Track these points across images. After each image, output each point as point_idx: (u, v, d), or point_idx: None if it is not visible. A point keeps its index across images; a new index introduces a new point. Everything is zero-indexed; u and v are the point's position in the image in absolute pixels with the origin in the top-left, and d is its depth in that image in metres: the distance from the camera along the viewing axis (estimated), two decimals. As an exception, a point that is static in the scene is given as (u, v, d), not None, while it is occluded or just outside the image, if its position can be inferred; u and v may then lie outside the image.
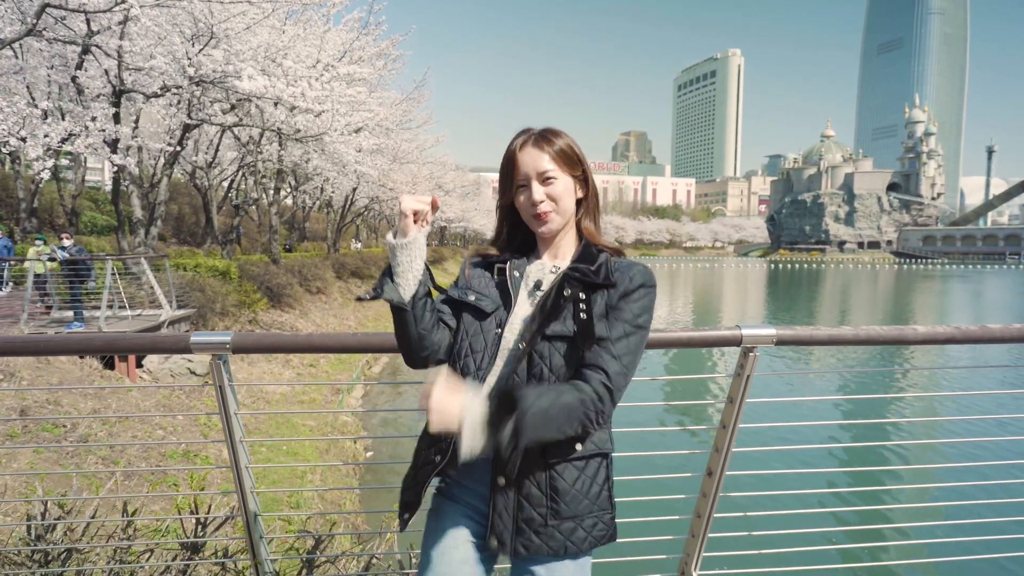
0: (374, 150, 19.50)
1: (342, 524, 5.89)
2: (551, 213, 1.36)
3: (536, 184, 1.34)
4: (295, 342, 1.69)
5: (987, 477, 6.79)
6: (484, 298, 1.38)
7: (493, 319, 1.36)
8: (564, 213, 1.37)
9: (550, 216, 1.36)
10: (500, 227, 1.48)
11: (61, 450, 5.56)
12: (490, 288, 1.40)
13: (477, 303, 1.38)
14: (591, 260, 1.35)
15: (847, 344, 1.83)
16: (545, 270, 1.41)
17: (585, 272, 1.32)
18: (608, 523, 1.36)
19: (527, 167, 1.35)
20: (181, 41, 10.26)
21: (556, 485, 1.29)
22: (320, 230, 36.38)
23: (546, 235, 1.39)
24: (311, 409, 10.11)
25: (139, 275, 10.04)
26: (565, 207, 1.37)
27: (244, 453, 1.87)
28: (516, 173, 1.36)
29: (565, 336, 1.27)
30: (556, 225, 1.37)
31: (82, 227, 21.82)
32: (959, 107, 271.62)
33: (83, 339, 1.67)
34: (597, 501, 1.33)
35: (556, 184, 1.35)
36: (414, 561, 2.41)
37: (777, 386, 12.44)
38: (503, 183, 1.41)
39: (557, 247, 1.43)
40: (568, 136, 1.37)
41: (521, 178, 1.36)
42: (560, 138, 1.36)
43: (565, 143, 1.36)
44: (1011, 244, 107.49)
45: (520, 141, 1.36)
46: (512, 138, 1.39)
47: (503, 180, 1.41)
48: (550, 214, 1.35)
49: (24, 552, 2.17)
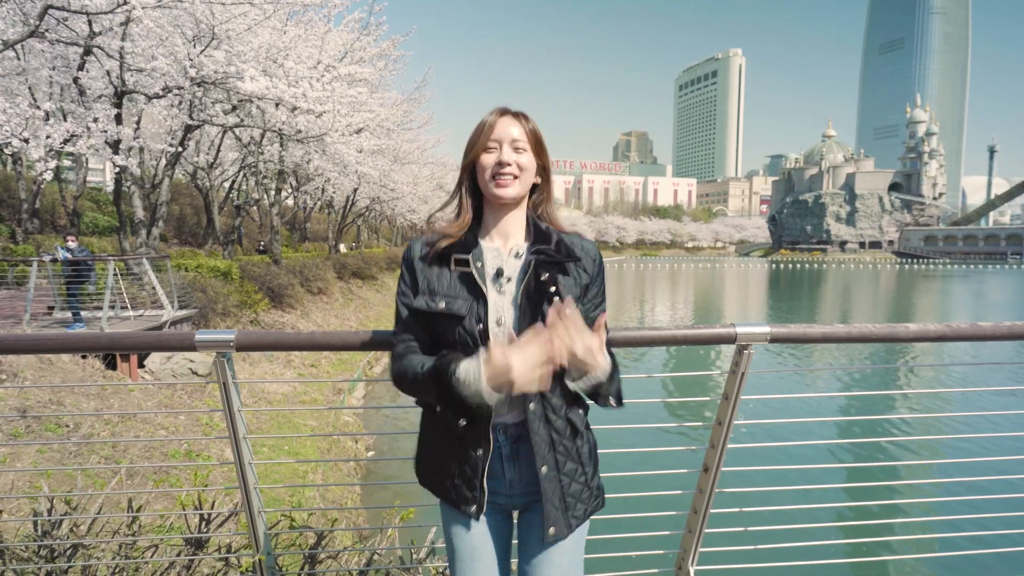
0: (375, 151, 19.55)
1: (344, 521, 5.93)
2: (514, 179, 1.37)
3: (507, 148, 1.37)
4: (298, 340, 1.72)
5: (981, 473, 6.81)
6: (453, 300, 1.35)
7: (471, 318, 1.33)
8: (524, 185, 1.40)
9: (512, 181, 1.37)
10: (462, 202, 1.44)
11: (64, 449, 5.59)
12: (454, 285, 1.37)
13: (449, 310, 1.34)
14: (547, 239, 1.40)
15: (840, 342, 1.86)
16: (502, 256, 1.41)
17: (549, 253, 1.37)
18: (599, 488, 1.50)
19: (501, 132, 1.37)
20: (183, 42, 10.29)
21: (581, 452, 1.43)
22: (321, 231, 36.43)
23: (503, 198, 1.37)
24: (313, 407, 10.14)
25: (141, 276, 10.08)
26: (527, 179, 1.40)
27: (247, 450, 1.90)
28: (489, 135, 1.38)
29: None
30: (514, 192, 1.38)
31: (84, 228, 21.87)
32: (961, 106, 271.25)
33: (90, 337, 1.70)
34: (597, 460, 1.49)
35: (524, 155, 1.38)
36: (415, 556, 2.44)
37: (772, 383, 12.47)
38: (471, 145, 1.40)
39: (508, 226, 1.43)
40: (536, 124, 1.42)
41: (492, 141, 1.38)
42: (532, 121, 1.41)
43: (536, 127, 1.41)
44: (1013, 244, 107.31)
45: (498, 111, 1.40)
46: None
47: (471, 142, 1.40)
48: (513, 180, 1.37)
49: (31, 548, 2.20)
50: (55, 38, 9.60)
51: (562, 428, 1.39)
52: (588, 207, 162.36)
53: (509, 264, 1.40)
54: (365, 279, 24.35)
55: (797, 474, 5.87)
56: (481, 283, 1.35)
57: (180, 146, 12.33)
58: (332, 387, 11.46)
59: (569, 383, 1.31)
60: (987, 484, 5.16)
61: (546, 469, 1.37)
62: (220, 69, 10.34)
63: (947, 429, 9.93)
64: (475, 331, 1.33)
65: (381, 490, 6.39)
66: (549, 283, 1.34)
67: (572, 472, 1.40)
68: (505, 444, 1.40)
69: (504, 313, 1.36)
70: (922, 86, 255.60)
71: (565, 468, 1.39)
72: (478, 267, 1.37)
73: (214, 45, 10.53)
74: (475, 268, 1.37)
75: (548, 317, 1.20)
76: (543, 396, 1.35)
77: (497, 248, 1.42)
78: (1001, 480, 2.32)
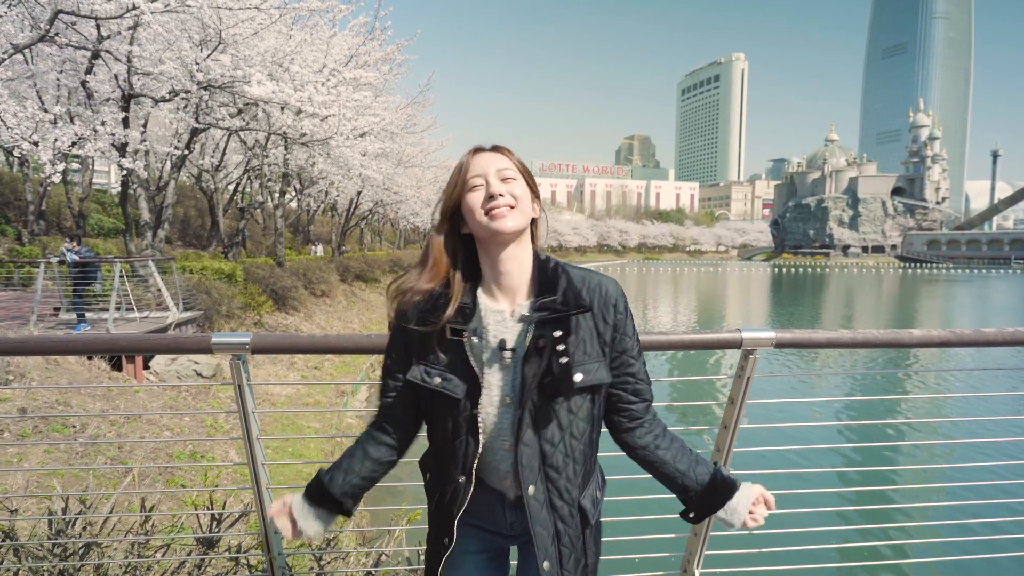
0: (379, 154, 19.61)
1: (350, 523, 5.95)
2: (511, 209, 1.15)
3: (495, 179, 1.16)
4: (312, 343, 1.76)
5: (987, 478, 6.81)
6: (449, 378, 1.17)
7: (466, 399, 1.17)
8: (524, 215, 1.17)
9: (509, 212, 1.14)
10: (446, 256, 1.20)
11: (71, 449, 5.63)
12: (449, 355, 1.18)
13: (444, 388, 1.17)
14: (553, 288, 1.17)
15: (844, 347, 1.88)
16: (506, 320, 1.19)
17: (556, 308, 1.15)
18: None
19: (483, 165, 1.17)
20: (190, 46, 10.38)
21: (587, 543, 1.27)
22: (325, 233, 36.53)
23: (503, 231, 1.14)
24: (317, 410, 10.18)
25: (146, 277, 10.15)
26: (525, 209, 1.17)
27: (260, 451, 1.93)
28: (467, 173, 1.17)
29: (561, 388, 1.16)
30: (513, 223, 1.14)
31: (89, 230, 22.00)
32: (964, 111, 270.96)
33: (110, 339, 1.74)
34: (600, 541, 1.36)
35: (515, 184, 1.17)
36: (422, 558, 2.46)
37: (778, 388, 12.46)
38: (449, 189, 1.19)
39: (511, 277, 1.19)
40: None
41: (475, 175, 1.16)
42: (514, 153, 1.22)
43: (519, 158, 1.22)
44: (1016, 248, 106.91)
45: (472, 149, 1.21)
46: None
47: (449, 187, 1.19)
48: (509, 210, 1.14)
49: (46, 546, 2.24)
50: (64, 42, 9.68)
51: (568, 516, 1.21)
52: (590, 211, 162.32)
53: (512, 331, 1.18)
54: (368, 281, 24.40)
55: (802, 477, 5.88)
56: (476, 365, 1.16)
57: (186, 149, 12.41)
58: (336, 389, 11.50)
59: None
60: (1003, 490, 5.16)
61: (548, 565, 1.19)
62: (227, 73, 10.42)
63: (952, 433, 9.92)
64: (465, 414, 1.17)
65: (387, 492, 6.40)
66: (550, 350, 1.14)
67: (575, 567, 1.23)
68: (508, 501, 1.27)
69: (508, 392, 1.17)
70: (925, 90, 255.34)
71: (568, 563, 1.21)
72: (474, 343, 1.17)
73: (221, 49, 10.61)
74: (468, 345, 1.16)
75: None
76: (547, 476, 1.18)
77: (502, 311, 1.20)
78: (1011, 484, 2.34)
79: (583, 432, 1.20)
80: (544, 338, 1.14)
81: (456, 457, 1.20)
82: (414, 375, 1.19)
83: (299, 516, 1.32)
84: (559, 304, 1.15)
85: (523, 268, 1.20)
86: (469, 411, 1.17)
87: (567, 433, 1.18)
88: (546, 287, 1.18)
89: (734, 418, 1.93)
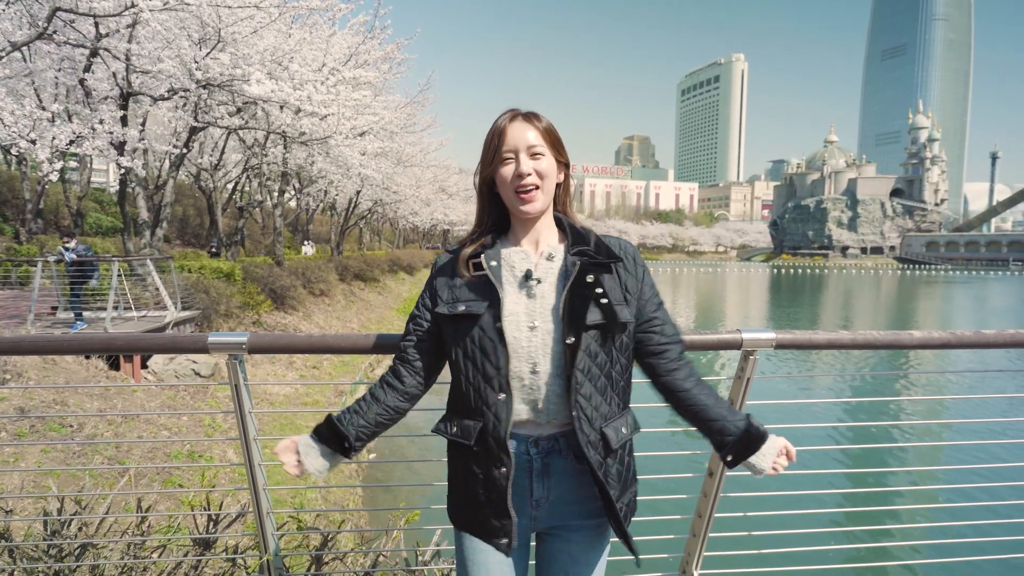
0: (378, 153, 19.58)
1: (348, 523, 5.94)
2: (537, 190, 1.31)
3: (524, 157, 1.31)
4: (309, 343, 1.74)
5: (988, 479, 6.81)
6: (472, 302, 1.32)
7: (489, 314, 1.29)
8: (548, 192, 1.34)
9: (535, 193, 1.31)
10: (482, 209, 1.41)
11: (68, 449, 5.61)
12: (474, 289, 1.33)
13: (468, 309, 1.31)
14: (585, 241, 1.34)
15: (844, 348, 1.87)
16: (530, 258, 1.36)
17: (591, 254, 1.31)
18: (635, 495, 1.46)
19: (516, 140, 1.31)
20: (189, 45, 10.34)
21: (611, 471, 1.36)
22: (324, 232, 36.50)
23: (529, 214, 1.33)
24: (316, 410, 10.16)
25: (144, 276, 10.12)
26: (549, 186, 1.34)
27: (257, 451, 1.92)
28: (503, 145, 1.31)
29: (598, 325, 1.27)
30: (540, 204, 1.33)
31: (87, 228, 21.95)
32: (963, 113, 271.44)
33: (106, 338, 1.73)
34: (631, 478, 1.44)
35: (543, 160, 1.32)
36: (420, 559, 2.45)
37: (777, 389, 12.46)
38: (486, 157, 1.34)
39: (538, 232, 1.38)
40: (549, 120, 1.37)
41: (508, 150, 1.31)
42: (545, 119, 1.35)
43: (550, 123, 1.35)
44: (1015, 250, 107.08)
45: (508, 116, 1.34)
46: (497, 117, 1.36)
47: (487, 154, 1.34)
48: (536, 191, 1.31)
49: (40, 547, 2.22)
50: (62, 40, 9.65)
51: (594, 442, 1.31)
52: (590, 211, 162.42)
53: (541, 266, 1.35)
54: (367, 281, 24.37)
55: (801, 479, 5.87)
56: (496, 282, 1.31)
57: (184, 148, 12.38)
58: (334, 389, 11.48)
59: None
60: (1004, 491, 5.15)
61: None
62: (226, 72, 10.38)
63: (952, 435, 9.92)
64: (492, 327, 1.28)
65: (384, 492, 6.40)
66: (595, 285, 1.28)
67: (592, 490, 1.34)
68: (536, 458, 1.34)
69: (538, 318, 1.30)
70: (924, 92, 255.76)
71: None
72: (492, 266, 1.33)
73: (220, 48, 10.58)
74: (488, 268, 1.32)
75: None
76: (580, 404, 1.28)
77: (526, 251, 1.37)
78: (1010, 487, 2.33)
79: (606, 366, 1.32)
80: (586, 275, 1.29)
81: (490, 377, 1.29)
82: (440, 309, 1.34)
83: (304, 452, 1.44)
84: (593, 251, 1.32)
85: (548, 224, 1.40)
86: (495, 324, 1.28)
87: (594, 364, 1.29)
88: (578, 239, 1.35)
89: (734, 419, 1.92)
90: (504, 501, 1.31)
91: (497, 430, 1.29)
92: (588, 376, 1.28)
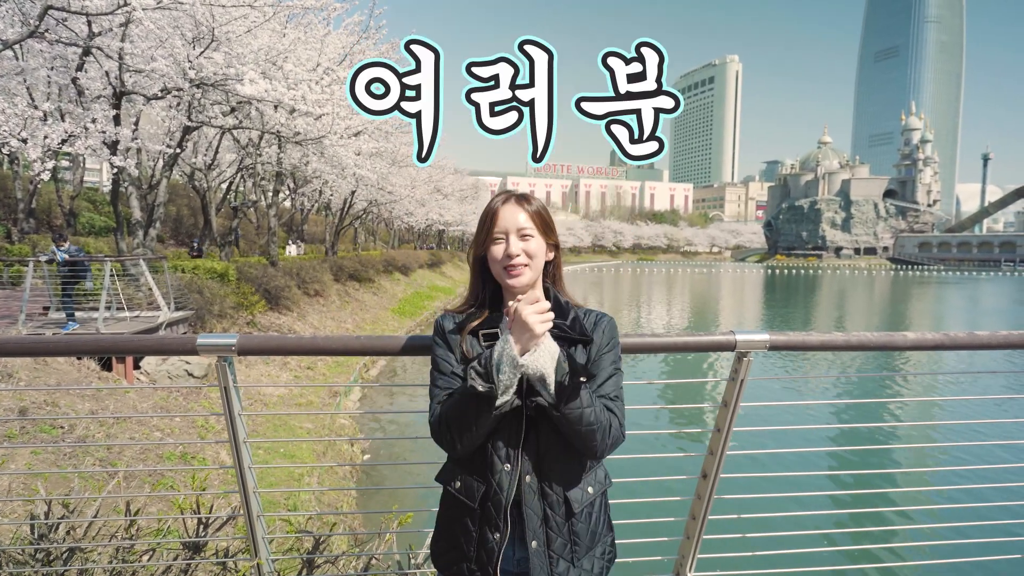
0: (373, 153, 19.54)
1: (340, 525, 5.91)
2: (525, 267, 1.41)
3: (514, 238, 1.41)
4: (299, 344, 1.73)
5: (980, 480, 6.85)
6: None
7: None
8: (536, 269, 1.44)
9: (523, 270, 1.41)
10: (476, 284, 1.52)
11: (59, 451, 5.56)
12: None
13: None
14: (564, 315, 1.44)
15: (838, 349, 1.87)
16: None
17: (564, 329, 1.41)
18: (612, 544, 1.53)
19: (507, 221, 1.42)
20: (182, 44, 10.28)
21: (576, 530, 1.42)
22: (319, 232, 36.37)
23: (516, 288, 1.42)
24: (309, 411, 10.11)
25: (137, 276, 10.04)
26: (538, 264, 1.44)
27: (247, 454, 1.90)
28: (494, 227, 1.43)
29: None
30: (527, 280, 1.42)
31: (80, 228, 21.80)
32: (955, 114, 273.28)
33: (92, 340, 1.70)
34: (603, 530, 1.49)
35: (532, 241, 1.42)
36: (412, 562, 2.44)
37: (771, 390, 12.49)
38: (479, 236, 1.46)
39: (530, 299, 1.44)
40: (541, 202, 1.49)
41: (499, 231, 1.42)
42: (535, 201, 1.47)
43: (541, 206, 1.47)
44: (1006, 251, 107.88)
45: (502, 198, 1.46)
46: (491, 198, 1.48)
47: (480, 233, 1.46)
48: (524, 268, 1.41)
49: (27, 551, 2.19)
50: (54, 38, 9.58)
51: (556, 504, 1.40)
52: (585, 212, 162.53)
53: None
54: (362, 281, 24.30)
55: (795, 480, 5.89)
56: None
57: (178, 147, 12.31)
58: (328, 390, 11.43)
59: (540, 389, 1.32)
60: (996, 492, 5.18)
61: (535, 544, 1.38)
62: (219, 71, 10.33)
63: (945, 435, 9.97)
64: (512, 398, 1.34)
65: (378, 494, 6.37)
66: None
67: (562, 550, 1.40)
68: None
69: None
70: (917, 94, 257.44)
71: (554, 546, 1.39)
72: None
73: (213, 47, 10.53)
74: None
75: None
76: (540, 470, 1.39)
77: None
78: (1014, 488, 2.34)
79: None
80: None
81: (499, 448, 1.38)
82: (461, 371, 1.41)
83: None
84: (567, 327, 1.42)
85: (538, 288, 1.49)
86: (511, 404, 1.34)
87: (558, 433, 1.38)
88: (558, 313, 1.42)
89: (728, 421, 1.92)
90: (493, 564, 1.38)
91: (498, 497, 1.38)
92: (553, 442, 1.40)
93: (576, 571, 1.42)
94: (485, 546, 1.39)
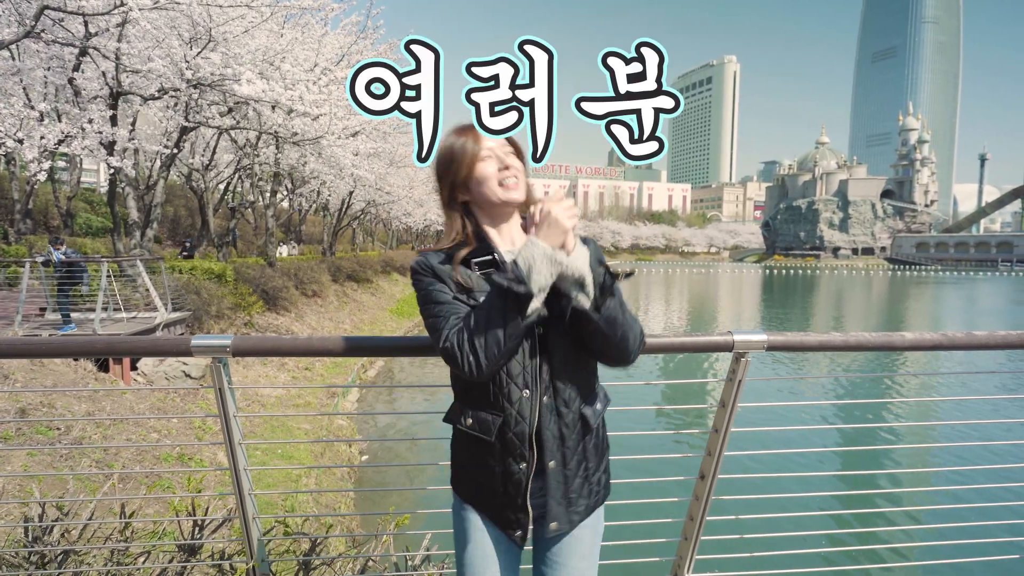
0: (371, 154, 19.51)
1: (338, 527, 5.89)
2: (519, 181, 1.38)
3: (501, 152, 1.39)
4: (295, 345, 1.71)
5: (978, 480, 6.85)
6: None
7: None
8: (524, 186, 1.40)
9: (518, 184, 1.38)
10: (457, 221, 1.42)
11: (55, 452, 5.54)
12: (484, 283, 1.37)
13: None
14: None
15: (836, 350, 1.86)
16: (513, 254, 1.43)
17: None
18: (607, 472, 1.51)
19: (489, 140, 1.39)
20: (179, 44, 10.26)
21: (587, 447, 1.42)
22: (317, 233, 36.33)
23: (516, 201, 1.38)
24: (306, 412, 10.09)
25: (134, 277, 10.01)
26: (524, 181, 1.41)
27: (243, 456, 1.89)
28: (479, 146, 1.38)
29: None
30: (521, 194, 1.39)
31: (77, 229, 21.75)
32: (952, 115, 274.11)
33: (85, 341, 1.69)
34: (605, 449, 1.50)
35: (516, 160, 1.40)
36: (410, 563, 2.43)
37: (769, 391, 12.48)
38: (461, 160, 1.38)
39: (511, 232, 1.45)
40: None
41: (484, 151, 1.38)
42: None
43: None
44: (1003, 251, 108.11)
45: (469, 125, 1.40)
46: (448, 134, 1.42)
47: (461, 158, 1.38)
48: (518, 182, 1.38)
49: (21, 554, 2.18)
50: (51, 39, 9.55)
51: (572, 423, 1.38)
52: (583, 212, 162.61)
53: None
54: (360, 282, 24.28)
55: (794, 481, 5.89)
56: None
57: (175, 148, 12.28)
58: (326, 390, 11.41)
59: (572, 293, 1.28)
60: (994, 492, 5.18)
61: (553, 464, 1.36)
62: (216, 71, 10.30)
63: (943, 435, 9.99)
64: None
65: (375, 496, 6.36)
66: None
67: (576, 468, 1.40)
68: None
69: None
70: (914, 94, 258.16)
71: (570, 464, 1.38)
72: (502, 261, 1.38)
73: (211, 47, 10.50)
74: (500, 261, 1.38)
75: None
76: (555, 389, 1.36)
77: (509, 251, 1.42)
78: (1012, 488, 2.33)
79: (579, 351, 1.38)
80: None
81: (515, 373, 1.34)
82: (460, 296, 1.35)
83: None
84: None
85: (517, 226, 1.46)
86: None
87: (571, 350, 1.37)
88: None
89: (725, 421, 1.91)
90: (523, 496, 1.36)
91: (521, 426, 1.34)
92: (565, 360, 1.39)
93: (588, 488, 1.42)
94: (512, 479, 1.36)
